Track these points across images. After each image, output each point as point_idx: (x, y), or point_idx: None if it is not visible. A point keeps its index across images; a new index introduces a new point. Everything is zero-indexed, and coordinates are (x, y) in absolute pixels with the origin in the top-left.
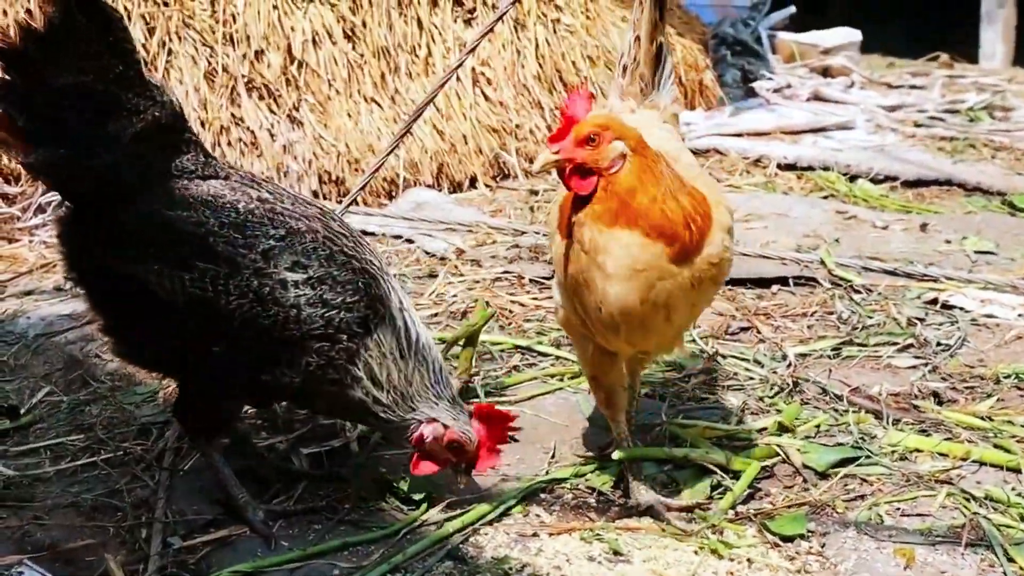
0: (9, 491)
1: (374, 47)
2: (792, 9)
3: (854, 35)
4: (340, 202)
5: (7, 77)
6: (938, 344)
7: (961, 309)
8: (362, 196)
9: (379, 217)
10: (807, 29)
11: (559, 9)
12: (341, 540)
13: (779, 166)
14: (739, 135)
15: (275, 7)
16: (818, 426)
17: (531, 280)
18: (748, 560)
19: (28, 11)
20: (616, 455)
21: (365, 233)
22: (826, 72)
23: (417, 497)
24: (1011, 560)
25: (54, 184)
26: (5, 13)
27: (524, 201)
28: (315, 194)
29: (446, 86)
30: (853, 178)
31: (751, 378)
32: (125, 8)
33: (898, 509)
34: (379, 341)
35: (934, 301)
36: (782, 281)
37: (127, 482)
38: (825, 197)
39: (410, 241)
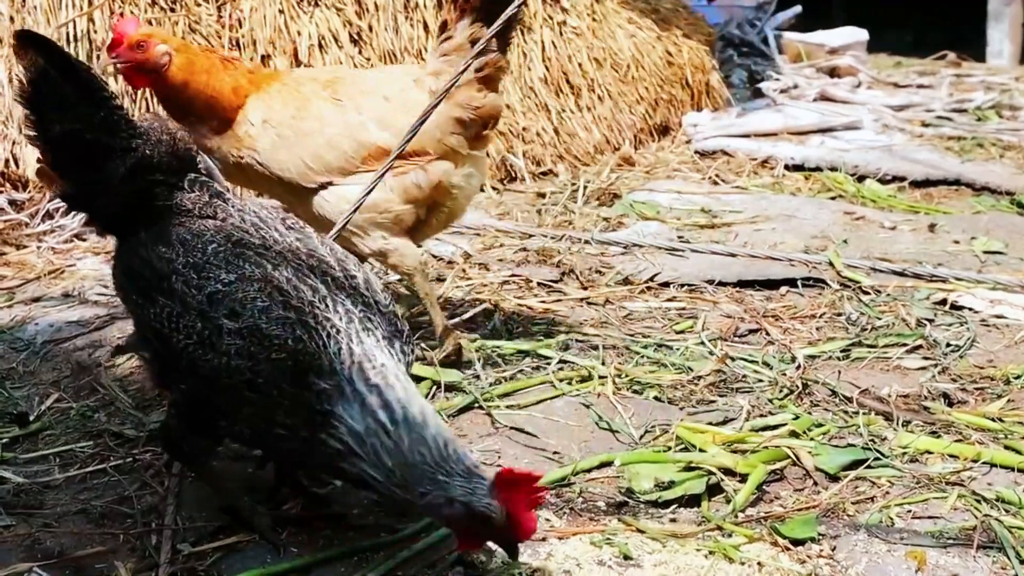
0: (19, 498)
1: (380, 51)
2: (798, 9)
3: (860, 34)
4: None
5: (31, 119)
6: (947, 345)
7: (970, 310)
8: None
9: None
10: (813, 29)
11: (565, 12)
12: (350, 546)
13: (786, 167)
14: (746, 136)
15: (281, 11)
16: (827, 431)
17: (539, 283)
18: (759, 564)
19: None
20: (618, 463)
21: None
22: (833, 72)
23: None
24: (1023, 562)
25: (87, 218)
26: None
27: (531, 204)
28: None
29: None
30: (861, 178)
31: (760, 380)
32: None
33: (909, 511)
34: (339, 415)
35: (943, 302)
36: (790, 282)
37: (136, 489)
38: (833, 198)
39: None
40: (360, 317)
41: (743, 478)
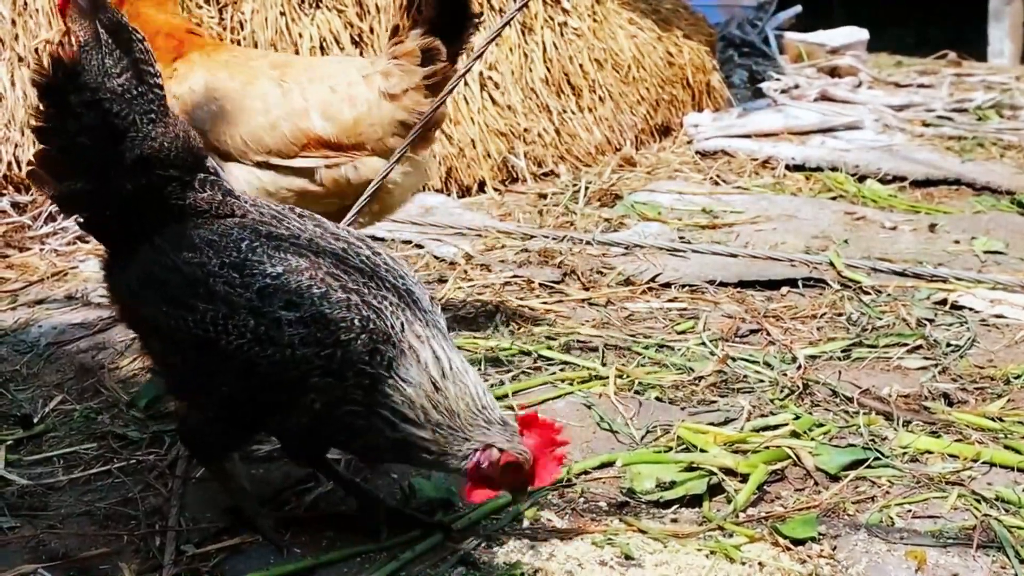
0: (23, 500)
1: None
2: (798, 8)
3: (861, 34)
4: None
5: (42, 107)
6: (948, 345)
7: (971, 310)
8: None
9: (388, 222)
10: (813, 29)
11: (566, 13)
12: (353, 547)
13: (787, 167)
14: (747, 136)
15: (282, 13)
16: (828, 431)
17: (541, 284)
18: (759, 563)
19: (60, 43)
20: (620, 463)
21: (374, 239)
22: (834, 72)
23: (431, 502)
24: (1023, 562)
25: (82, 223)
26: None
27: (533, 205)
28: None
29: (454, 91)
30: (862, 178)
31: (761, 380)
32: None
33: (909, 511)
34: (404, 377)
35: (943, 302)
36: (791, 283)
37: (140, 491)
38: (834, 198)
39: (419, 246)
40: (399, 291)
41: (744, 478)
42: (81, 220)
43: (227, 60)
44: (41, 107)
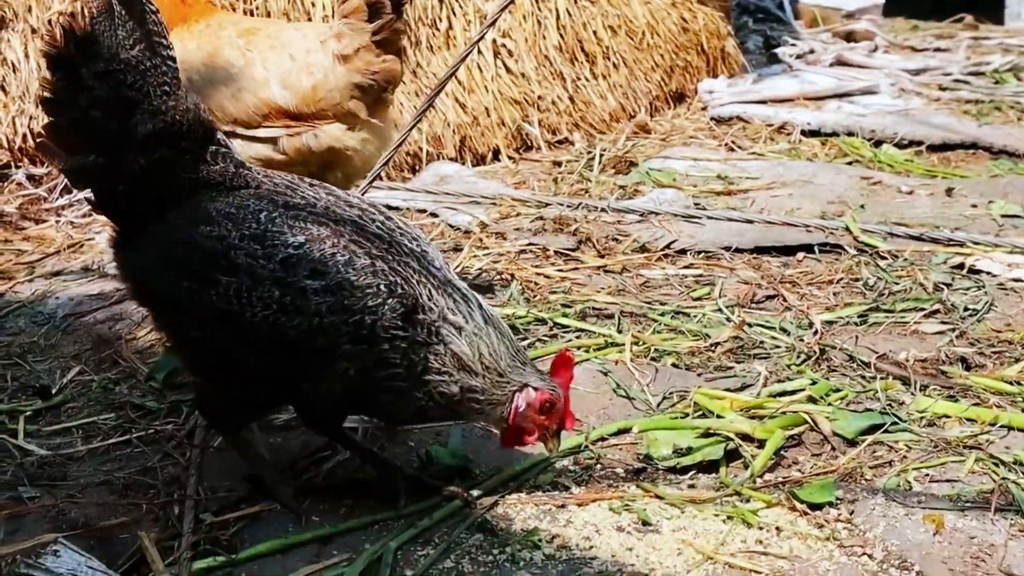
0: (43, 470)
1: None
2: None
3: None
4: (364, 177)
5: (52, 79)
6: (965, 309)
7: (988, 273)
8: (386, 171)
9: (403, 191)
10: None
11: None
12: (371, 515)
13: (803, 132)
14: (763, 102)
15: None
16: (845, 396)
17: (556, 252)
18: (777, 528)
19: (71, 14)
20: (636, 429)
21: (389, 207)
22: (849, 36)
23: (448, 469)
24: None
25: (92, 199)
26: (50, 23)
27: (547, 172)
28: None
29: (468, 58)
30: (878, 143)
31: (777, 346)
32: None
33: (927, 475)
34: (448, 330)
35: (961, 266)
36: (807, 248)
37: (159, 460)
38: (850, 163)
39: (434, 215)
40: (416, 254)
41: (761, 444)
42: (91, 197)
43: (201, 30)
44: (51, 79)
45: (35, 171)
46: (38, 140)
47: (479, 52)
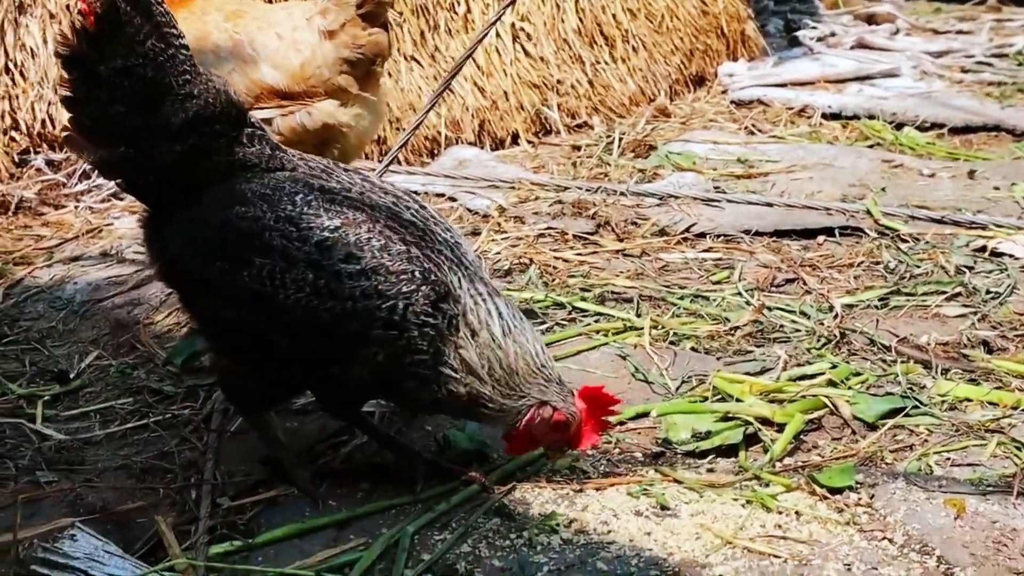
0: (60, 455)
1: (413, 5)
2: None
3: None
4: (381, 162)
5: (69, 78)
6: (987, 292)
7: (1010, 256)
8: (404, 155)
9: (422, 176)
10: None
11: None
12: (388, 500)
13: (824, 115)
14: (783, 85)
15: None
16: (865, 380)
17: (574, 236)
18: (796, 513)
19: (80, 12)
20: (655, 413)
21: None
22: (871, 19)
23: (466, 453)
24: None
25: (123, 184)
26: (60, 22)
27: (566, 157)
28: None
29: (485, 42)
30: (899, 126)
31: (797, 330)
32: None
33: (948, 459)
34: (467, 333)
35: (983, 249)
36: (828, 232)
37: (176, 444)
38: (871, 146)
39: (452, 199)
40: (449, 244)
41: (780, 428)
42: (121, 182)
43: (185, 16)
44: (69, 78)
45: (54, 156)
46: (64, 135)
47: (497, 36)
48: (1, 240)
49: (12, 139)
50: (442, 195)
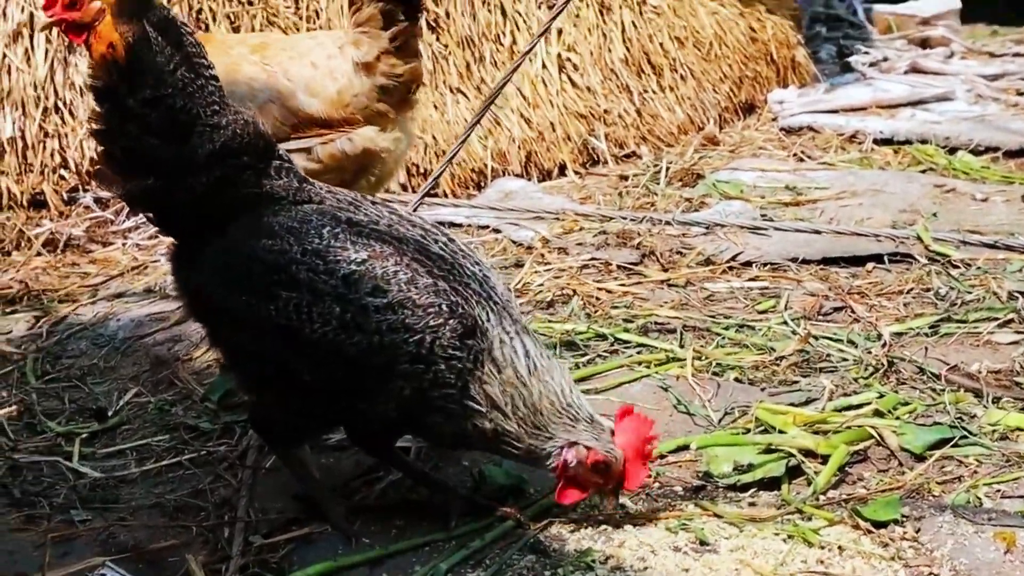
0: (95, 493)
1: (458, 37)
2: None
3: (953, 3)
4: (430, 195)
5: (100, 111)
6: None
7: None
8: (450, 187)
9: (467, 208)
10: (903, 0)
11: None
12: (422, 537)
13: (875, 141)
14: (834, 111)
15: None
16: (913, 409)
17: (618, 266)
18: (839, 547)
19: (111, 44)
20: (694, 446)
21: (452, 225)
22: (925, 43)
23: (502, 489)
24: None
25: (151, 217)
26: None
27: (614, 187)
28: (403, 187)
29: (531, 73)
30: (952, 150)
31: (844, 359)
32: (210, 8)
33: (998, 491)
34: (492, 369)
35: None
36: (877, 258)
37: (210, 482)
38: (923, 171)
39: (496, 231)
40: (478, 278)
41: (824, 459)
42: (151, 215)
43: (209, 52)
44: (100, 110)
45: (103, 194)
46: (95, 168)
47: (543, 67)
48: (48, 278)
49: (61, 177)
50: (486, 227)
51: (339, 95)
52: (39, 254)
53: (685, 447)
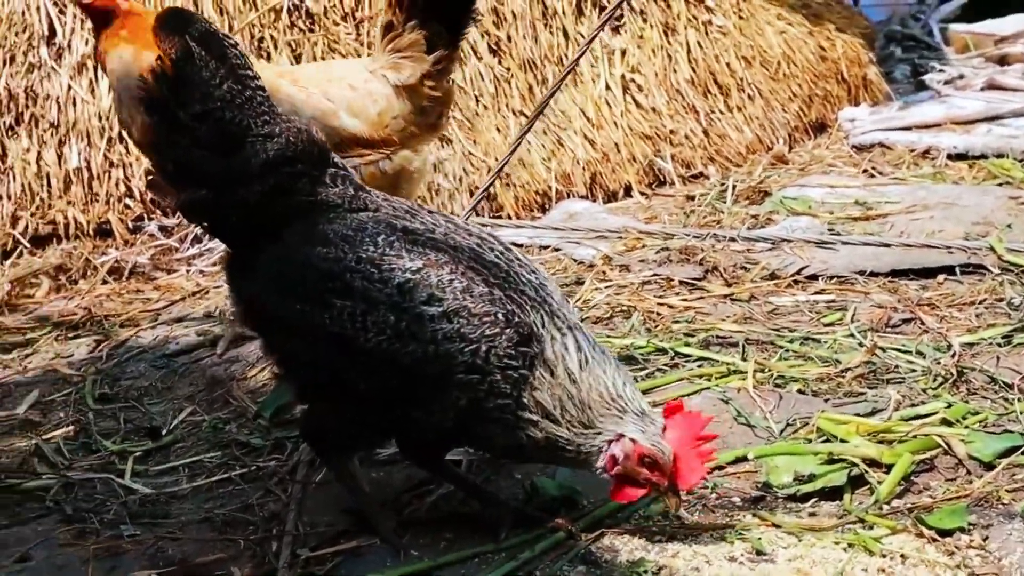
0: (145, 508)
1: (520, 60)
2: (963, 0)
3: None
4: (495, 217)
5: (151, 123)
6: None
7: None
8: (514, 209)
9: (529, 229)
10: (981, 19)
11: (710, 11)
12: (471, 549)
13: (949, 156)
14: (906, 128)
15: None
16: (983, 419)
17: (680, 282)
18: (902, 556)
19: (158, 57)
20: (752, 455)
21: (515, 245)
22: (1002, 61)
23: (555, 500)
24: None
25: (206, 226)
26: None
27: (680, 207)
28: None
29: (595, 95)
30: None
31: (912, 370)
32: (271, 37)
33: None
34: (543, 373)
35: None
36: (948, 270)
37: (260, 497)
38: (999, 184)
39: (557, 250)
40: (534, 285)
41: (888, 469)
42: (205, 223)
43: None
44: (149, 122)
45: (167, 222)
46: (148, 179)
47: (607, 88)
48: (111, 303)
49: (126, 206)
50: (547, 247)
51: (379, 116)
52: (104, 282)
53: (743, 458)
